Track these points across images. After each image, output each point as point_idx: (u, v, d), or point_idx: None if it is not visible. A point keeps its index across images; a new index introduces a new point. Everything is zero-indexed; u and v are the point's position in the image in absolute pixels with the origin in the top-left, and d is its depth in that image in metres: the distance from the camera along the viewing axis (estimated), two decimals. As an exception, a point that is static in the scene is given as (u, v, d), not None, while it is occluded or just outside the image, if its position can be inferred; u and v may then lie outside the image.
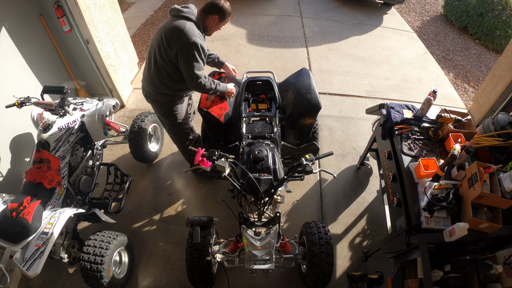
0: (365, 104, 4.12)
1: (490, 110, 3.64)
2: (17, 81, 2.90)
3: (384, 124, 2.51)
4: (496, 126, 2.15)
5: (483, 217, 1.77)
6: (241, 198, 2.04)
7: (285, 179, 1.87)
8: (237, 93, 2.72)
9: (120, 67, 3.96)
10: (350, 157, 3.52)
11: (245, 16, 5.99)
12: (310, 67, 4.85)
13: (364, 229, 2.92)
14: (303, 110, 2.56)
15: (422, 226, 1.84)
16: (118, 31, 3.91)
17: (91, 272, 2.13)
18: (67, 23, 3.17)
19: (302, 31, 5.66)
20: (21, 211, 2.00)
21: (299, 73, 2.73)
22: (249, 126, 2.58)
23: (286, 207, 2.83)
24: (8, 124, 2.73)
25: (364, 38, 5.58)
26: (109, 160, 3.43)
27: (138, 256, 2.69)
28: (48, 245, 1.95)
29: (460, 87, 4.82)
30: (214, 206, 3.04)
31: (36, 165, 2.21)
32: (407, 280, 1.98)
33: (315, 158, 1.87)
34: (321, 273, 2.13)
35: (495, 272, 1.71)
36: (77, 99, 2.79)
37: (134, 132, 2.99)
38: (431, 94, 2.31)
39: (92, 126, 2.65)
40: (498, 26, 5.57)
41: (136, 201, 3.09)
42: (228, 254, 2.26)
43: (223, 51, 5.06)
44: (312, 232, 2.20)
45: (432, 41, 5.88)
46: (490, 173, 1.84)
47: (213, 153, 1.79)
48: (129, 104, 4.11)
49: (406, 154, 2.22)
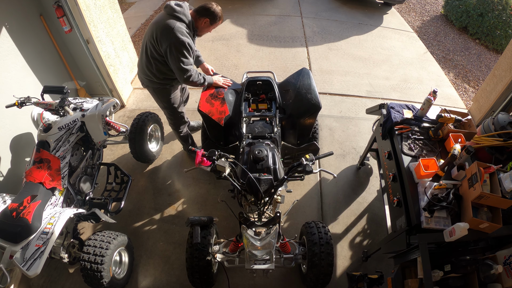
0: (365, 104, 4.12)
1: (490, 110, 3.64)
2: (17, 81, 2.90)
3: (384, 124, 2.51)
4: (496, 126, 2.15)
5: (483, 217, 1.77)
6: (241, 198, 2.04)
7: (285, 179, 1.87)
8: (239, 91, 2.72)
9: (120, 67, 3.96)
10: (350, 157, 3.52)
11: (245, 16, 5.99)
12: (310, 67, 4.85)
13: (364, 229, 2.92)
14: (303, 110, 2.56)
15: (422, 226, 1.84)
16: (118, 31, 3.91)
17: (91, 272, 2.13)
18: (67, 23, 3.17)
19: (302, 31, 5.66)
20: (21, 211, 2.00)
21: (299, 73, 2.73)
22: (249, 126, 2.58)
23: (286, 207, 2.84)
24: (9, 124, 2.73)
25: (364, 38, 5.58)
26: (109, 160, 3.43)
27: (138, 256, 2.69)
28: (48, 245, 1.95)
29: (460, 87, 4.82)
30: (214, 206, 3.04)
31: (36, 165, 2.21)
32: (407, 280, 1.98)
33: (315, 158, 1.87)
34: (321, 273, 2.13)
35: (495, 272, 1.71)
36: (77, 99, 2.79)
37: (134, 132, 2.99)
38: (431, 94, 2.31)
39: (92, 126, 2.65)
40: (498, 26, 5.56)
41: (136, 201, 3.09)
42: (228, 254, 2.26)
43: (223, 51, 5.06)
44: (312, 232, 2.20)
45: (432, 41, 5.88)
46: (490, 173, 1.84)
47: (213, 153, 1.79)
48: (129, 104, 4.11)
49: (406, 154, 2.22)
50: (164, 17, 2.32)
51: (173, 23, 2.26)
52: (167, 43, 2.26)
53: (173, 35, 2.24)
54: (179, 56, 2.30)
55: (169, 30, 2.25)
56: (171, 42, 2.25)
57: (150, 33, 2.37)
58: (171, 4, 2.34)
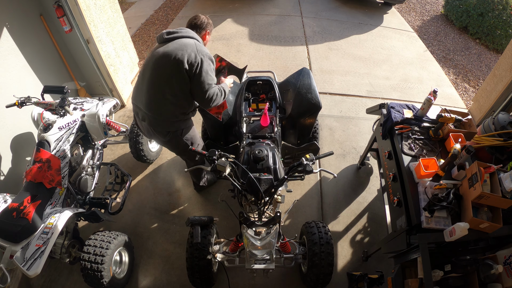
0: (365, 104, 4.12)
1: (491, 110, 3.64)
2: (18, 81, 2.90)
3: (384, 124, 2.51)
4: (496, 126, 2.15)
5: (484, 217, 1.77)
6: (242, 197, 2.04)
7: (286, 178, 1.87)
8: (238, 89, 2.71)
9: (121, 67, 3.96)
10: (351, 157, 3.52)
11: (246, 16, 5.99)
12: (311, 67, 4.84)
13: (365, 228, 2.92)
14: (304, 109, 2.56)
15: (422, 226, 1.84)
16: (118, 30, 3.91)
17: (91, 271, 2.13)
18: (67, 23, 3.17)
19: (303, 30, 5.65)
20: (21, 210, 2.00)
21: (299, 72, 2.73)
22: (250, 126, 2.58)
23: (286, 207, 2.84)
24: (9, 123, 2.73)
25: (365, 37, 5.58)
26: (110, 159, 3.43)
27: (138, 256, 2.69)
28: (49, 244, 1.95)
29: (460, 87, 4.81)
30: (214, 205, 3.04)
31: (36, 165, 2.21)
32: (407, 280, 1.98)
33: (315, 157, 1.87)
34: (321, 273, 2.13)
35: (496, 272, 1.71)
36: (78, 99, 2.79)
37: (134, 132, 2.99)
38: (432, 93, 2.31)
39: (93, 126, 2.65)
40: (499, 26, 5.56)
41: (136, 201, 3.09)
42: (228, 253, 2.26)
43: (224, 50, 5.06)
44: (313, 232, 2.20)
45: (433, 40, 5.87)
46: (490, 173, 1.83)
47: (213, 153, 1.79)
48: (129, 104, 4.11)
49: (407, 153, 2.22)
50: (175, 43, 2.04)
51: (192, 41, 2.05)
52: (196, 59, 1.98)
53: (200, 51, 2.02)
54: (208, 72, 2.04)
55: (192, 46, 2.01)
56: (202, 56, 2.00)
57: (163, 64, 2.00)
58: (172, 30, 2.09)
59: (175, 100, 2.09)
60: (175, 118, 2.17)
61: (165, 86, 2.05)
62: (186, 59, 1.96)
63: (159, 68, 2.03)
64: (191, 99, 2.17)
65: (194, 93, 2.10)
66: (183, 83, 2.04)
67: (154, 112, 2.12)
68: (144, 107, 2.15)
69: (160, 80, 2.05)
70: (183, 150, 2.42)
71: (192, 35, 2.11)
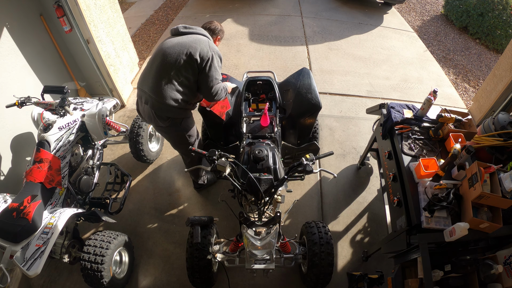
0: (365, 104, 4.12)
1: (491, 110, 3.64)
2: (18, 81, 2.90)
3: (384, 124, 2.51)
4: (496, 126, 2.15)
5: (484, 217, 1.77)
6: (242, 197, 2.04)
7: (286, 178, 1.87)
8: (237, 92, 2.72)
9: (121, 67, 3.96)
10: (351, 157, 3.52)
11: (246, 16, 5.99)
12: (311, 67, 4.84)
13: (365, 228, 2.92)
14: (304, 109, 2.55)
15: (422, 226, 1.84)
16: (118, 30, 3.91)
17: (91, 271, 2.13)
18: (67, 23, 3.17)
19: (303, 30, 5.65)
20: (21, 210, 2.00)
21: (299, 72, 2.73)
22: (250, 126, 2.58)
23: (286, 207, 2.84)
24: (9, 124, 2.73)
25: (365, 37, 5.58)
26: (110, 160, 3.43)
27: (138, 256, 2.69)
28: (49, 244, 1.95)
29: (460, 87, 4.81)
30: (214, 205, 3.04)
31: (36, 165, 2.21)
32: (407, 280, 1.98)
33: (315, 157, 1.87)
34: (322, 273, 2.13)
35: (496, 272, 1.71)
36: (78, 99, 2.79)
37: (134, 132, 2.99)
38: (432, 94, 2.31)
39: (93, 126, 2.66)
40: (499, 26, 5.56)
41: (136, 201, 3.09)
42: (228, 253, 2.26)
43: (224, 50, 5.05)
44: (313, 232, 2.20)
45: (433, 40, 5.87)
46: (490, 173, 1.83)
47: (213, 153, 1.79)
48: (129, 104, 4.11)
49: (407, 154, 2.22)
50: (190, 36, 2.18)
51: (205, 38, 2.20)
52: (208, 54, 2.12)
53: (211, 47, 2.16)
54: (217, 68, 2.19)
55: (205, 42, 2.16)
56: (213, 53, 2.15)
57: (175, 54, 2.11)
58: (189, 26, 2.25)
59: (180, 87, 2.18)
60: (177, 104, 2.22)
61: (174, 72, 2.13)
62: (198, 52, 2.10)
63: (171, 55, 2.12)
64: (195, 90, 2.28)
65: (201, 85, 2.22)
66: (192, 73, 2.16)
67: (158, 95, 2.17)
68: (150, 90, 2.21)
69: (170, 66, 2.13)
70: (179, 142, 2.51)
71: (206, 34, 2.26)
